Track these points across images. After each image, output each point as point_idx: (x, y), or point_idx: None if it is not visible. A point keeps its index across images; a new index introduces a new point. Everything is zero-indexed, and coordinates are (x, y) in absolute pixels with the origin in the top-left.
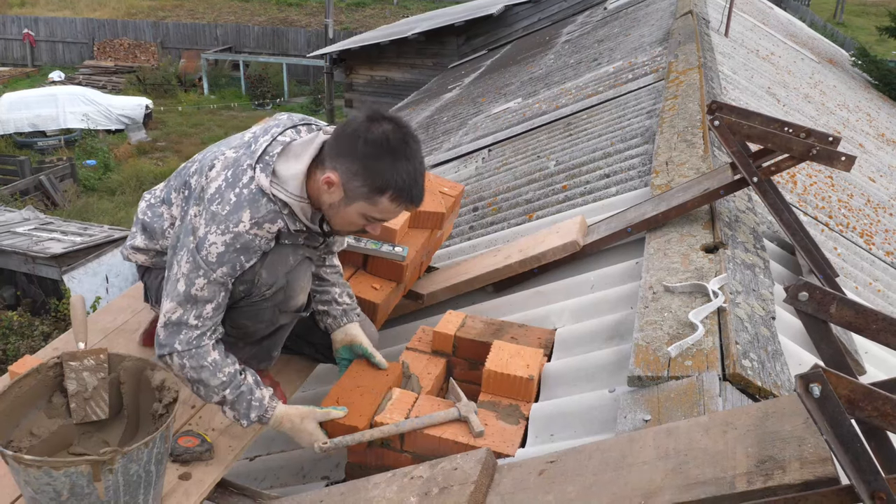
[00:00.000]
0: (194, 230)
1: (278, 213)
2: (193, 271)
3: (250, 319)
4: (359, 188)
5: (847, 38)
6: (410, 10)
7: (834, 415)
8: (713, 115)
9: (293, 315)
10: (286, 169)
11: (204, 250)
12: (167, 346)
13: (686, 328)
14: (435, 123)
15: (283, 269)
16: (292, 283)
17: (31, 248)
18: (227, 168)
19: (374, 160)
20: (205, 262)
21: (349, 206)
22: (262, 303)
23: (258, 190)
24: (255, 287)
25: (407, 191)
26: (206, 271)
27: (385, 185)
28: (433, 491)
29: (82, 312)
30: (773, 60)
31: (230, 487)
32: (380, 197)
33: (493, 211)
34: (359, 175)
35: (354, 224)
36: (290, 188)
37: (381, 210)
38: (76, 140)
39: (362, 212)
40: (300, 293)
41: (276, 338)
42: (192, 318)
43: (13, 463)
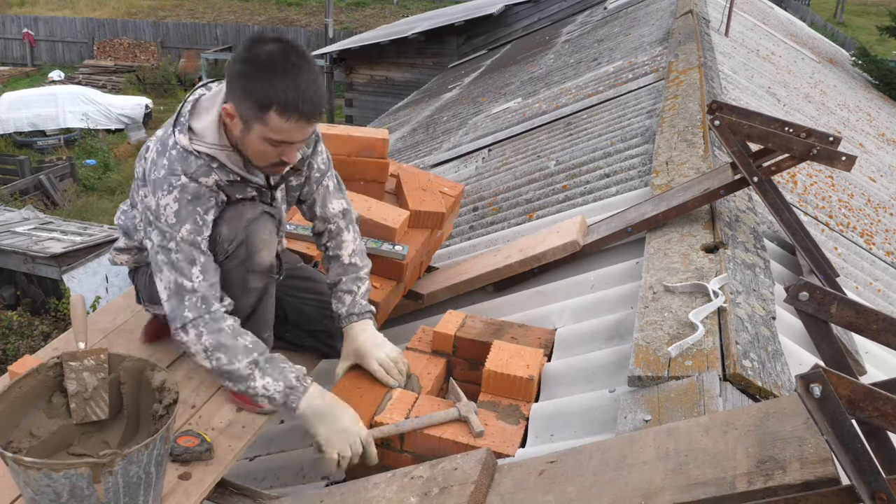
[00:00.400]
0: (148, 207)
1: (208, 167)
2: (162, 240)
3: (223, 287)
4: (248, 111)
5: (847, 37)
6: (410, 9)
7: (834, 415)
8: (713, 115)
9: (263, 276)
10: (200, 122)
11: (162, 216)
12: (177, 318)
13: (686, 328)
14: (435, 123)
15: (242, 224)
16: (252, 235)
17: (31, 248)
18: (156, 143)
19: (254, 78)
20: (168, 226)
21: (249, 133)
22: (227, 262)
23: (182, 150)
24: (218, 245)
25: (293, 104)
26: (171, 233)
27: (267, 100)
28: (433, 491)
29: (82, 312)
30: (774, 60)
31: (230, 487)
32: (267, 114)
33: (493, 211)
34: (245, 97)
35: (265, 153)
36: (208, 139)
37: (275, 129)
38: (76, 139)
39: (262, 136)
40: (263, 247)
41: (259, 314)
42: (186, 281)
43: (13, 464)
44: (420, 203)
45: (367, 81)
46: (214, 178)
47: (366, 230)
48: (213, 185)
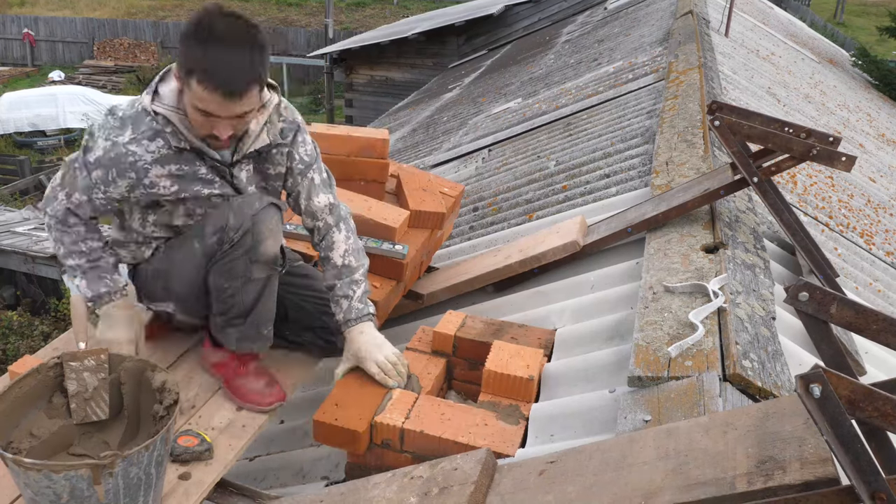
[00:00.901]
0: (92, 133)
1: (159, 131)
2: (75, 162)
3: (226, 277)
4: (181, 74)
5: (847, 38)
6: (410, 10)
7: (834, 415)
8: (713, 115)
9: (267, 267)
10: (165, 87)
11: (90, 152)
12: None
13: (686, 328)
14: (435, 123)
15: (249, 211)
16: (258, 225)
17: (31, 248)
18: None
19: (191, 43)
20: (85, 161)
21: (184, 97)
22: (231, 252)
23: (142, 109)
24: (224, 233)
25: (211, 75)
26: (82, 167)
27: (191, 67)
28: (433, 491)
29: (83, 312)
30: (774, 60)
31: (230, 487)
32: (191, 80)
33: (493, 211)
34: (180, 61)
35: (198, 122)
36: (167, 101)
37: (197, 97)
38: (76, 140)
39: (191, 103)
40: (268, 237)
41: (260, 309)
42: (63, 196)
43: (13, 466)
44: (420, 203)
45: (368, 82)
46: (158, 144)
47: (366, 229)
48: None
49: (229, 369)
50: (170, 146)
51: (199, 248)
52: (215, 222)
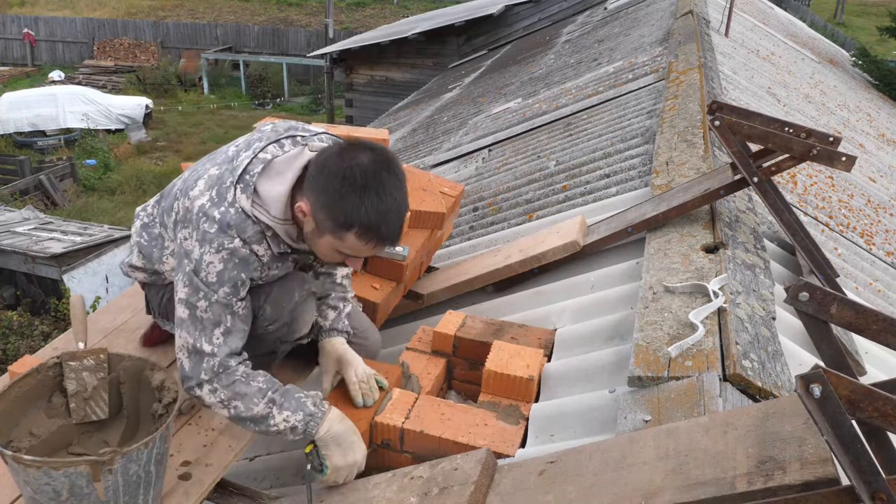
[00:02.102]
0: (188, 253)
1: (262, 234)
2: (193, 295)
3: (250, 347)
4: (325, 222)
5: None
6: (410, 10)
7: (834, 415)
8: (713, 115)
9: (294, 343)
10: (268, 190)
11: (203, 272)
12: (193, 378)
13: (686, 328)
14: (435, 123)
15: (288, 307)
16: (296, 320)
17: (31, 248)
18: (210, 187)
19: (340, 195)
20: (204, 284)
21: (321, 238)
22: (263, 335)
23: (241, 211)
24: (259, 321)
25: (375, 229)
26: (207, 293)
27: (349, 222)
28: (433, 491)
29: (82, 312)
30: (774, 60)
31: (230, 487)
32: (345, 233)
33: (494, 211)
34: (325, 209)
35: (330, 256)
36: (273, 211)
37: (349, 246)
38: (76, 140)
39: (333, 246)
40: (304, 327)
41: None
42: (206, 345)
43: (13, 463)
44: (420, 203)
45: (368, 81)
46: (265, 247)
47: None
48: (262, 254)
49: None
50: (271, 249)
51: None
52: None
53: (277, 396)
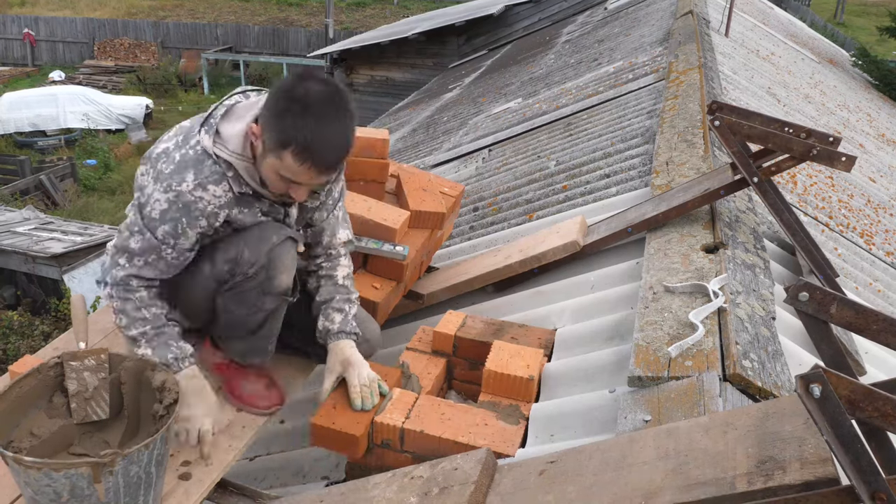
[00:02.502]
0: (142, 188)
1: (223, 174)
2: (135, 224)
3: (236, 304)
4: (269, 140)
5: (847, 38)
6: (410, 10)
7: (834, 415)
8: (713, 116)
9: (278, 298)
10: (228, 128)
11: (148, 206)
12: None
13: (686, 328)
14: (435, 123)
15: (265, 247)
16: (274, 261)
17: (32, 248)
18: (179, 133)
19: (284, 113)
20: (147, 219)
21: (265, 160)
22: (244, 283)
23: (202, 151)
24: (238, 266)
25: (309, 150)
26: (143, 228)
27: (286, 139)
28: (433, 491)
29: (83, 312)
30: (774, 60)
31: (230, 487)
32: (283, 151)
33: (494, 211)
34: (268, 126)
35: (274, 184)
36: (231, 146)
37: (286, 167)
38: (76, 140)
39: (274, 168)
40: (283, 272)
41: (267, 328)
42: (124, 259)
43: (13, 464)
44: (420, 203)
45: (368, 82)
46: (224, 188)
47: (366, 230)
48: (220, 195)
49: (229, 371)
50: (232, 191)
51: (209, 272)
52: (227, 252)
53: (151, 333)
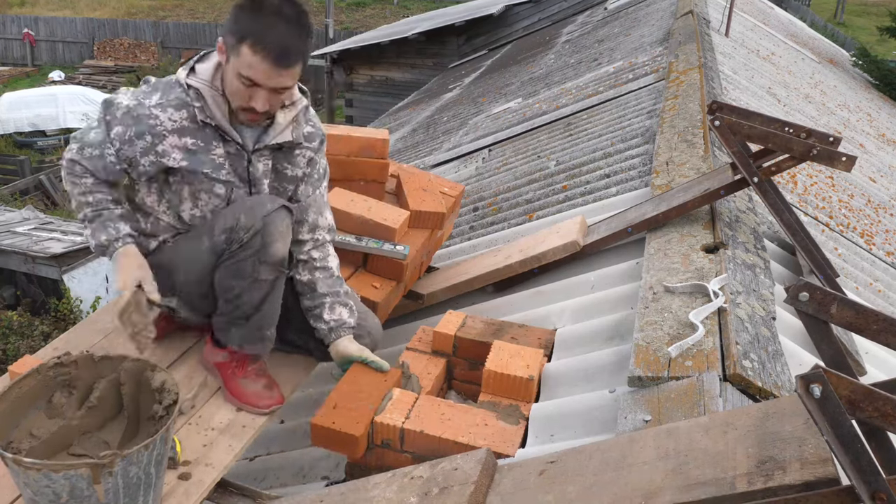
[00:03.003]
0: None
1: (187, 103)
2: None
3: (233, 277)
4: (229, 40)
5: (848, 38)
6: (410, 10)
7: (834, 415)
8: (714, 115)
9: (274, 269)
10: (202, 65)
11: (113, 105)
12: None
13: (686, 328)
14: (435, 123)
15: (261, 213)
16: (269, 226)
17: (31, 248)
18: None
19: (243, 13)
20: (110, 115)
21: (227, 65)
22: (240, 252)
23: (175, 81)
24: (234, 233)
25: (264, 42)
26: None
27: (244, 33)
28: (433, 491)
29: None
30: (774, 60)
31: (230, 487)
32: (240, 46)
33: (494, 211)
34: (229, 31)
35: (237, 91)
36: (202, 76)
37: (244, 63)
38: None
39: (236, 70)
40: (278, 239)
41: (264, 311)
42: (76, 147)
43: (13, 465)
44: (420, 203)
45: (368, 82)
46: (182, 115)
47: (366, 230)
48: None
49: (230, 369)
50: (194, 119)
51: (208, 244)
52: (225, 220)
53: (91, 215)
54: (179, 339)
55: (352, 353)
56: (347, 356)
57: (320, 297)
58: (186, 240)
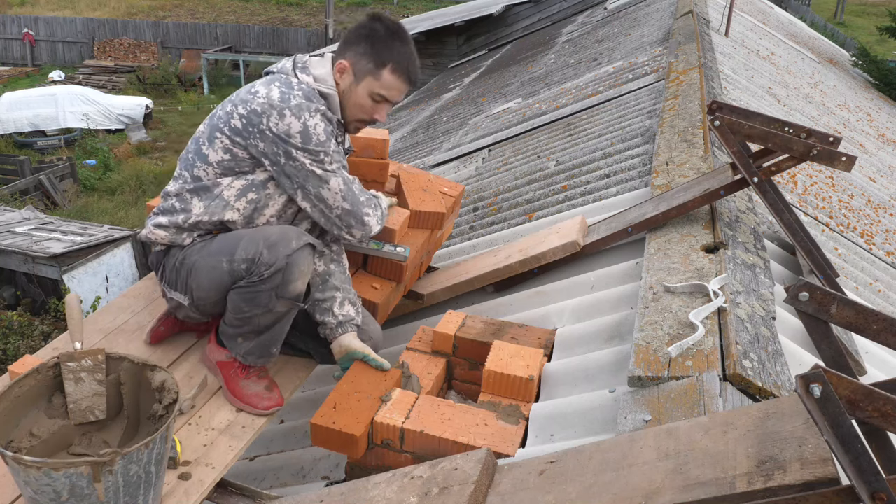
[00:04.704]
0: (289, 131)
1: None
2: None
3: (248, 303)
4: (365, 66)
5: (847, 38)
6: (410, 10)
7: (834, 415)
8: (713, 115)
9: (290, 303)
10: (319, 71)
11: (313, 136)
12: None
13: (686, 328)
14: (435, 123)
15: (285, 252)
16: (292, 266)
17: (31, 248)
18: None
19: (378, 41)
20: (320, 144)
21: (358, 85)
22: (259, 284)
23: (309, 89)
24: (255, 266)
25: (405, 65)
26: (323, 150)
27: (387, 58)
28: (433, 491)
29: (78, 312)
30: (774, 60)
31: (230, 487)
32: (382, 70)
33: (493, 211)
34: (365, 55)
35: (363, 107)
36: (329, 83)
37: (384, 84)
38: (76, 140)
39: (369, 89)
40: (299, 278)
41: (274, 332)
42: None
43: (13, 464)
44: (420, 203)
45: None
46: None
47: None
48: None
49: (232, 370)
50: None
51: (227, 268)
52: (246, 250)
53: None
54: (179, 339)
55: (356, 349)
56: (352, 351)
57: (332, 290)
58: (209, 253)
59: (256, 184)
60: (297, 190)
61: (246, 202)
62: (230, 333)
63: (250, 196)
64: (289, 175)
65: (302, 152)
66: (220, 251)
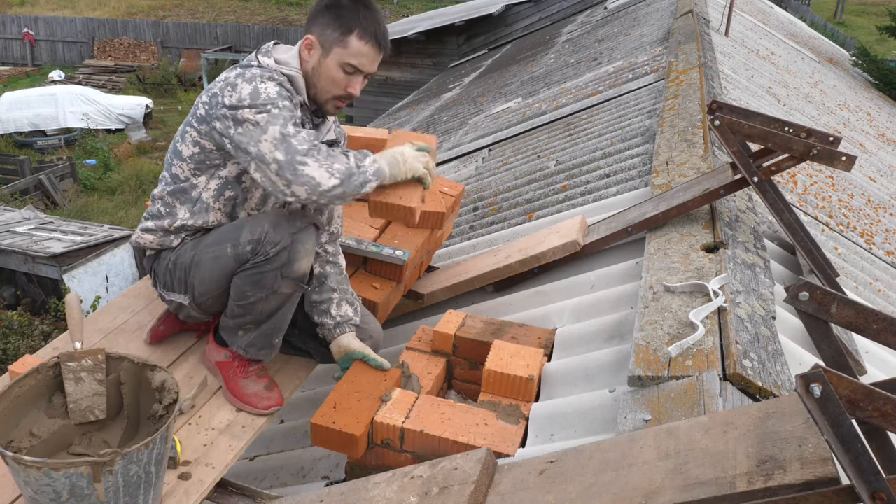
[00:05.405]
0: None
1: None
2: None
3: (252, 286)
4: (331, 35)
5: (847, 37)
6: (410, 9)
7: (834, 415)
8: (713, 115)
9: (295, 284)
10: (282, 55)
11: (262, 94)
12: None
13: (686, 328)
14: (435, 123)
15: (290, 230)
16: (296, 244)
17: (31, 248)
18: (231, 70)
19: (342, 9)
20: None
21: (327, 58)
22: (265, 265)
23: (267, 68)
24: (261, 245)
25: (372, 30)
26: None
27: (353, 24)
28: (433, 491)
29: (78, 312)
30: (774, 60)
31: (230, 487)
32: (349, 37)
33: (493, 211)
34: (330, 24)
35: (336, 80)
36: (292, 65)
37: (352, 52)
38: (76, 139)
39: (338, 59)
40: (304, 257)
41: (276, 320)
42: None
43: (13, 464)
44: None
45: (367, 81)
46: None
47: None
48: None
49: (231, 369)
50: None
51: (231, 252)
52: (251, 231)
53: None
54: (179, 339)
55: (354, 349)
56: (350, 352)
57: (329, 292)
58: (208, 244)
59: (231, 180)
60: (251, 161)
61: (224, 200)
62: (231, 326)
63: (227, 194)
64: (239, 145)
65: (248, 110)
66: (221, 240)
